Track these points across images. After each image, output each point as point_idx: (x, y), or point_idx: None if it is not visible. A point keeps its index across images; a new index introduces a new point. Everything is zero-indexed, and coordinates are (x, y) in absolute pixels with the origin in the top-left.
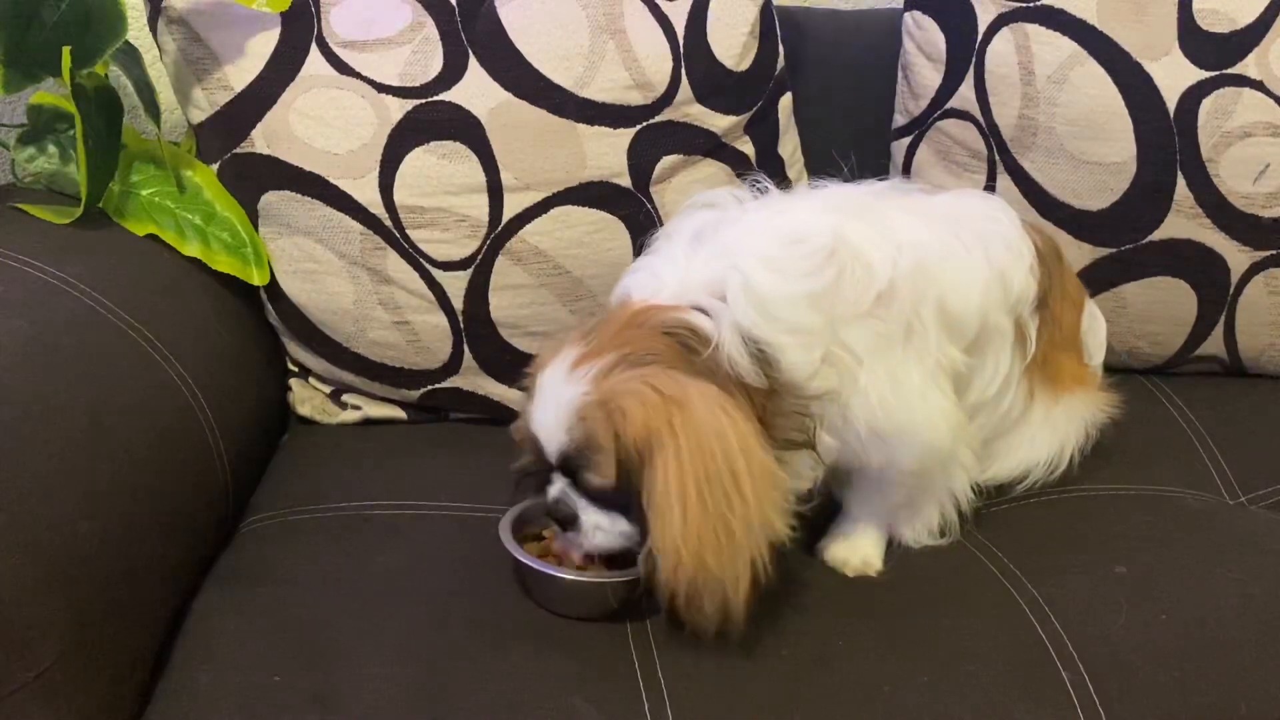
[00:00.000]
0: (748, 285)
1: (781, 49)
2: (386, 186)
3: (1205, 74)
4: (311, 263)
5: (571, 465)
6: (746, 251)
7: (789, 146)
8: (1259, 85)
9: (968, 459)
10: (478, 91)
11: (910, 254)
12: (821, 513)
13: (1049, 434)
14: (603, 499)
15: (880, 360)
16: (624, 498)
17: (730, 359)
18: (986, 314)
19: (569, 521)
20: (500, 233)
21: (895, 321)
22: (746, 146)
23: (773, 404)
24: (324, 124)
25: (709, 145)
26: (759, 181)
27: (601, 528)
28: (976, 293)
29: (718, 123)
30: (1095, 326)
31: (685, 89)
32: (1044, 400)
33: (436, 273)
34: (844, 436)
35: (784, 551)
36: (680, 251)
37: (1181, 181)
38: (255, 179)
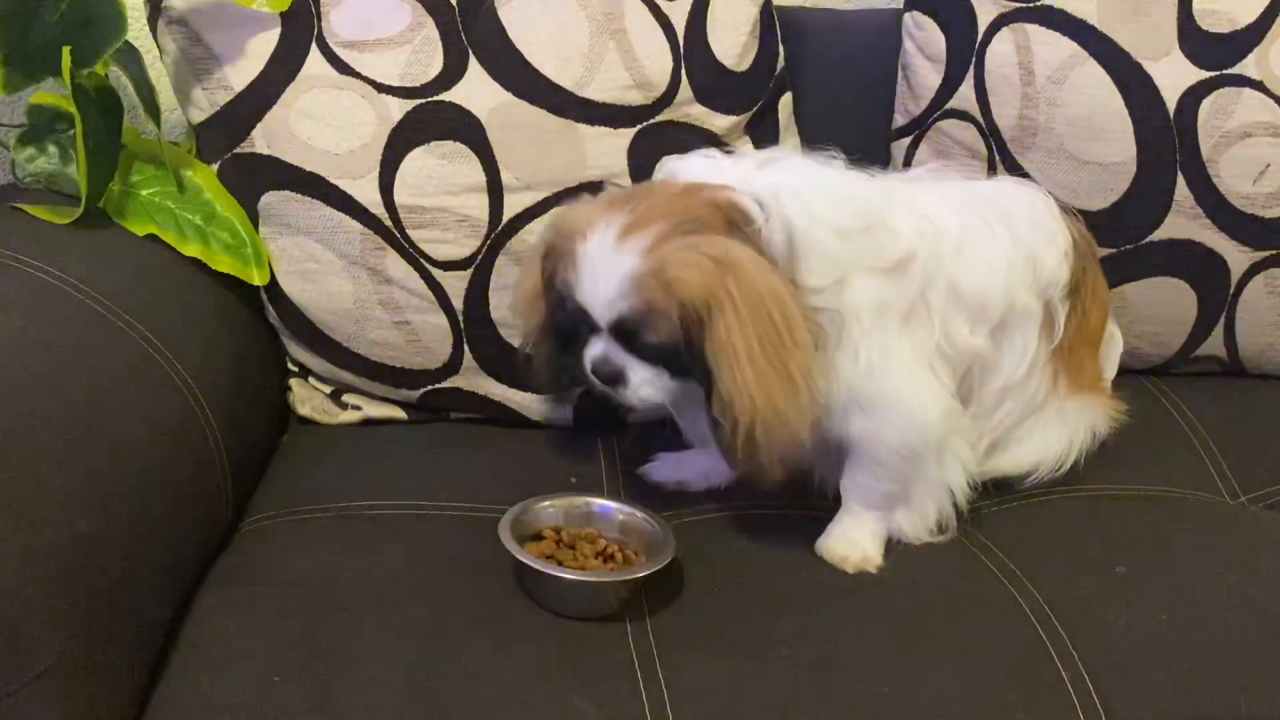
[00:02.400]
0: (799, 196)
1: (781, 49)
2: (387, 186)
3: (1205, 74)
4: (311, 263)
5: (627, 329)
6: (805, 176)
7: (789, 146)
8: (1259, 85)
9: (964, 452)
10: (478, 91)
11: (933, 237)
12: (822, 512)
13: (1060, 428)
14: (654, 356)
15: (876, 328)
16: (675, 354)
17: (770, 241)
18: (1013, 295)
19: (615, 378)
20: (500, 233)
21: (901, 296)
22: (746, 146)
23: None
24: (324, 124)
25: (709, 145)
26: (828, 149)
27: (649, 382)
28: (1000, 274)
29: (718, 123)
30: (1112, 345)
31: (685, 89)
32: (1065, 389)
33: (437, 273)
34: (828, 394)
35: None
36: (745, 162)
37: (1181, 181)
38: (255, 179)
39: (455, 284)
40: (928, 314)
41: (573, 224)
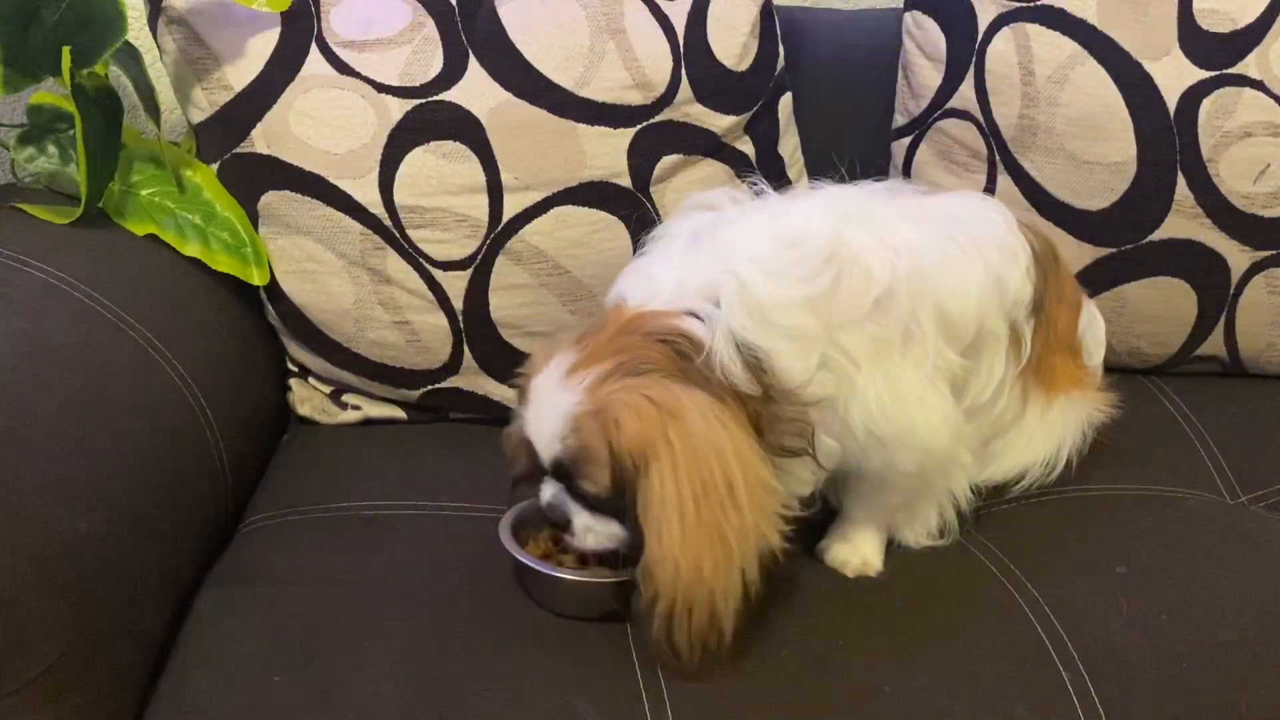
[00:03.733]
0: (743, 290)
1: (781, 49)
2: (386, 186)
3: (1205, 74)
4: (311, 263)
5: (565, 472)
6: (743, 255)
7: (789, 146)
8: (1259, 85)
9: (966, 459)
10: (478, 91)
11: (907, 258)
12: (822, 513)
13: (1045, 435)
14: (596, 504)
15: (878, 365)
16: (617, 504)
17: (723, 366)
18: (983, 318)
19: (562, 524)
20: (500, 233)
21: (893, 326)
22: (746, 146)
23: (768, 411)
24: (324, 124)
25: (709, 145)
26: (756, 183)
27: (594, 530)
28: (974, 296)
29: (718, 123)
30: (1094, 326)
31: (685, 89)
32: (1039, 403)
33: (436, 273)
34: (843, 440)
35: (780, 557)
36: (676, 254)
37: (1182, 181)
38: (255, 179)
39: (455, 284)
40: (922, 335)
41: (536, 357)
